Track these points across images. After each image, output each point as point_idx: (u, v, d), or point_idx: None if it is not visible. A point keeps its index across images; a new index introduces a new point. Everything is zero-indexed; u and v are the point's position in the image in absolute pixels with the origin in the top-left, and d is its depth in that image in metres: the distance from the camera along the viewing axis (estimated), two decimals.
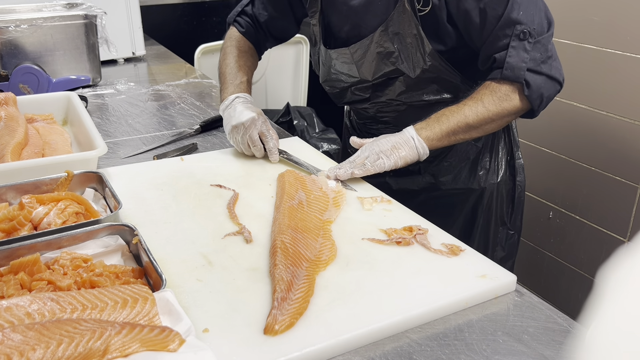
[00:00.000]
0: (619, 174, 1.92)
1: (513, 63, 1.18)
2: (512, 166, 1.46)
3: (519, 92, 1.20)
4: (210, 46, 2.74)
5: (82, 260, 0.86)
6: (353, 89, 1.43)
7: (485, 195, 1.44)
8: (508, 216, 1.48)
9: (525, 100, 1.21)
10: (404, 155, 1.19)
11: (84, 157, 1.19)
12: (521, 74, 1.19)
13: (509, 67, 1.19)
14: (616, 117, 1.89)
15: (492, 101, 1.20)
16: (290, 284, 0.84)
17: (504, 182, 1.46)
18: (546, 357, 0.76)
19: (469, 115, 1.20)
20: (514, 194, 1.48)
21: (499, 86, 1.21)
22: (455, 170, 1.44)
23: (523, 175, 1.49)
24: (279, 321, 0.77)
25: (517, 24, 1.17)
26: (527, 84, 1.19)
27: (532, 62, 1.19)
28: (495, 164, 1.44)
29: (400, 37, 1.27)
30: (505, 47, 1.19)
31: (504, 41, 1.19)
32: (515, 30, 1.18)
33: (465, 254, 0.96)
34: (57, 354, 0.64)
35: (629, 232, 1.93)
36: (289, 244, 0.93)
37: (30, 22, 1.86)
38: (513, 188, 1.47)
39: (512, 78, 1.19)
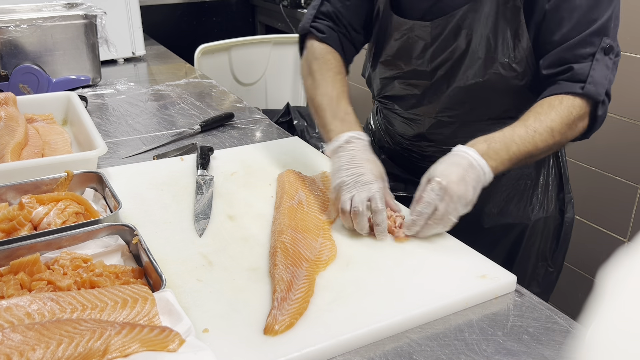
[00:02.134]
0: (619, 174, 1.92)
1: (597, 79, 1.04)
2: (561, 200, 1.34)
3: (588, 114, 1.07)
4: (210, 46, 2.74)
5: (82, 260, 0.85)
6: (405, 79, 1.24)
7: (529, 230, 1.31)
8: (550, 252, 1.36)
9: (589, 121, 1.09)
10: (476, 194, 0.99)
11: (83, 157, 1.19)
12: (602, 93, 1.05)
13: (593, 82, 1.04)
14: (616, 117, 1.89)
15: (561, 130, 1.05)
16: (290, 284, 0.84)
17: (553, 218, 1.33)
18: (546, 357, 0.76)
19: (539, 147, 1.04)
20: (560, 231, 1.35)
21: (571, 111, 1.05)
22: (502, 204, 1.29)
23: (572, 212, 1.36)
24: (279, 321, 0.77)
25: (606, 37, 1.06)
26: (603, 104, 1.06)
27: (610, 84, 1.06)
28: (545, 199, 1.31)
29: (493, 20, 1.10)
30: (587, 57, 1.05)
31: (589, 50, 1.05)
32: (603, 43, 1.05)
33: (465, 254, 0.96)
34: (57, 354, 0.64)
35: (629, 232, 1.93)
36: (289, 244, 0.93)
37: (30, 22, 1.86)
38: (561, 224, 1.35)
39: (594, 96, 1.05)
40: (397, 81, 1.28)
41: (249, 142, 1.50)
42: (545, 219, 1.31)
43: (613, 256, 0.41)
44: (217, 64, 2.81)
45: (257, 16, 3.88)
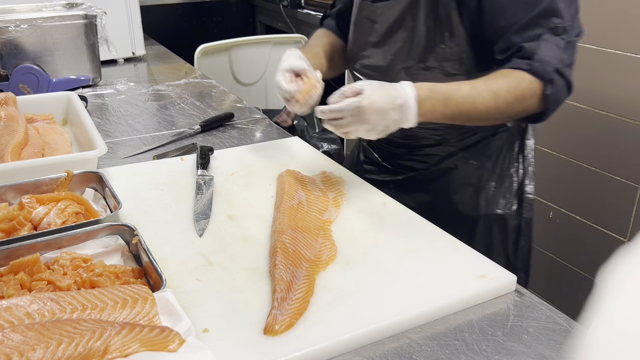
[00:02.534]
0: (619, 174, 1.92)
1: (544, 57, 1.05)
2: (520, 199, 1.32)
3: (540, 93, 1.07)
4: (210, 46, 2.74)
5: (82, 260, 0.86)
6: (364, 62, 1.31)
7: (480, 226, 1.30)
8: (512, 255, 1.34)
9: (541, 101, 1.08)
10: (393, 121, 1.04)
11: (83, 157, 1.19)
12: (550, 71, 1.05)
13: (539, 60, 1.05)
14: (616, 117, 1.89)
15: (507, 100, 1.06)
16: (290, 284, 0.84)
17: (510, 217, 1.31)
18: (546, 357, 0.76)
19: (479, 110, 1.07)
20: (518, 233, 1.33)
21: (519, 83, 1.06)
22: (454, 194, 1.31)
23: (531, 213, 1.33)
24: (279, 321, 0.77)
25: (556, 17, 1.06)
26: (552, 82, 1.06)
27: (561, 63, 1.07)
28: (501, 195, 1.29)
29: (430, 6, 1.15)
30: (535, 38, 1.07)
31: (536, 31, 1.07)
32: (551, 23, 1.06)
33: (465, 254, 0.96)
34: (57, 354, 0.64)
35: (629, 232, 1.93)
36: (289, 244, 0.93)
37: (30, 22, 1.86)
38: (518, 224, 1.33)
39: (540, 73, 1.06)
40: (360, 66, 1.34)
41: (249, 142, 1.50)
42: (500, 216, 1.30)
43: (613, 256, 0.41)
44: (217, 64, 2.81)
45: (257, 16, 3.88)
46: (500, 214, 1.31)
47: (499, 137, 1.30)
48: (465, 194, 1.31)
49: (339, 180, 1.20)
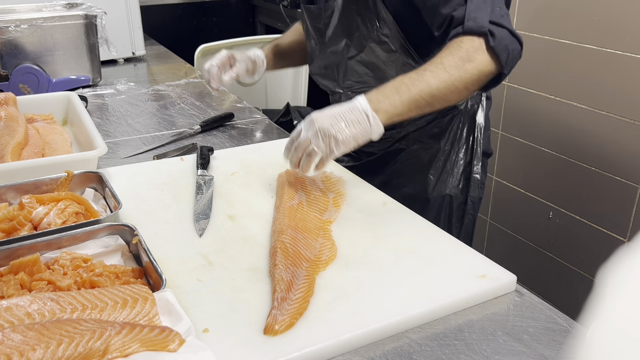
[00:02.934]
0: (619, 174, 1.92)
1: (474, 14, 1.08)
2: (467, 179, 1.34)
3: (484, 48, 1.07)
4: (210, 46, 2.74)
5: (82, 260, 0.85)
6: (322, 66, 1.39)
7: (429, 206, 1.33)
8: (456, 234, 1.35)
9: (491, 56, 1.07)
10: (355, 135, 1.02)
11: (84, 157, 1.19)
12: (485, 24, 1.06)
13: (470, 18, 1.07)
14: (616, 117, 1.89)
15: (454, 64, 1.05)
16: (290, 284, 0.84)
17: (456, 196, 1.34)
18: (546, 357, 0.76)
19: (432, 83, 1.04)
20: (464, 210, 1.35)
21: (460, 45, 1.07)
22: (406, 176, 1.34)
23: (477, 191, 1.35)
24: (279, 321, 0.77)
25: None
26: (492, 34, 1.06)
27: (493, 15, 1.08)
28: (451, 174, 1.32)
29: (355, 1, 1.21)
30: (462, 3, 1.10)
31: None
32: None
33: (465, 254, 0.96)
34: (57, 354, 0.64)
35: (629, 232, 1.93)
36: (289, 244, 0.93)
37: (30, 22, 1.86)
38: (464, 203, 1.35)
39: (476, 29, 1.07)
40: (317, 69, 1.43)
41: (249, 142, 1.50)
42: (447, 196, 1.33)
43: (613, 256, 0.41)
44: None
45: (257, 16, 3.87)
46: (448, 193, 1.35)
47: (449, 118, 1.34)
48: (416, 174, 1.35)
49: (339, 180, 1.20)
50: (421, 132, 1.35)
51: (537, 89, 2.14)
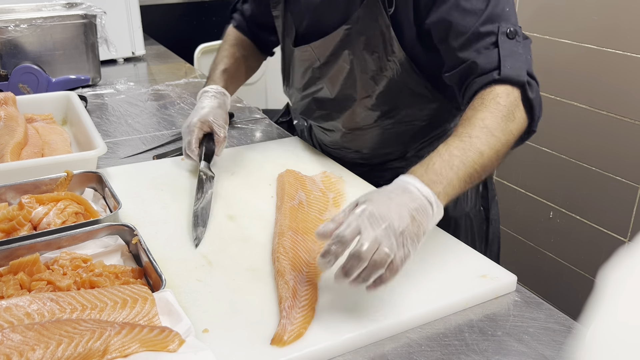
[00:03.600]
0: (619, 174, 1.92)
1: (511, 61, 0.96)
2: (484, 197, 1.28)
3: (521, 101, 0.96)
4: (210, 46, 2.74)
5: (82, 261, 0.85)
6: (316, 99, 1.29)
7: (456, 226, 1.26)
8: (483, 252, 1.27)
9: (527, 111, 0.97)
10: (423, 230, 0.79)
11: (83, 157, 1.19)
12: (522, 74, 0.95)
13: (508, 64, 0.95)
14: (616, 117, 1.89)
15: (499, 126, 0.91)
16: (294, 290, 0.83)
17: (476, 216, 1.28)
18: (546, 357, 0.76)
19: (484, 152, 0.89)
20: (487, 230, 1.29)
21: (497, 101, 0.94)
22: None
23: (497, 209, 1.30)
24: (288, 331, 0.76)
25: (503, 22, 0.98)
26: (530, 85, 0.96)
27: (527, 64, 0.98)
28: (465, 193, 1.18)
29: (365, 39, 1.11)
30: (488, 47, 0.98)
31: (488, 40, 0.98)
32: (502, 28, 0.98)
33: (465, 254, 0.96)
34: (57, 354, 0.64)
35: (629, 232, 1.93)
36: (289, 248, 0.93)
37: (30, 22, 1.86)
38: (486, 222, 1.28)
39: (514, 77, 0.95)
40: (306, 100, 1.33)
41: (249, 142, 1.50)
42: (466, 215, 1.27)
43: (613, 256, 0.41)
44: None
45: None
46: (468, 212, 1.30)
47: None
48: None
49: (339, 180, 1.20)
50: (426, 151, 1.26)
51: None
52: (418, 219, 0.78)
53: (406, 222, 0.76)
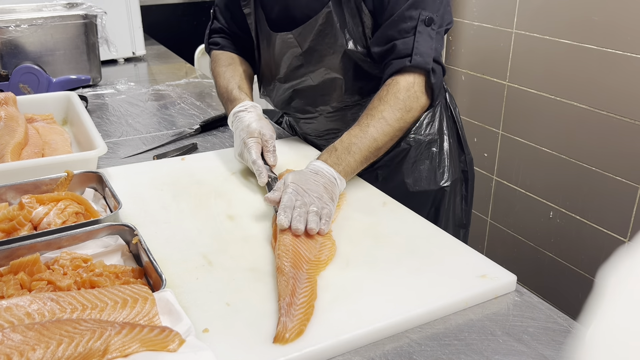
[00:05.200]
0: (619, 174, 1.92)
1: (422, 49, 1.15)
2: (463, 162, 1.43)
3: (424, 85, 1.17)
4: None
5: (82, 260, 0.86)
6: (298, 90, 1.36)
7: (445, 195, 1.38)
8: (464, 214, 1.44)
9: (427, 94, 1.18)
10: (334, 194, 1.07)
11: (83, 157, 1.19)
12: (429, 61, 1.15)
13: (418, 53, 1.15)
14: (616, 117, 1.89)
15: (395, 117, 1.15)
16: (293, 287, 0.84)
17: (459, 180, 1.42)
18: (546, 357, 0.76)
19: (377, 138, 1.14)
20: (466, 192, 1.44)
21: (397, 95, 1.15)
22: (415, 172, 1.37)
23: (473, 170, 1.46)
24: (289, 329, 0.76)
25: (423, 9, 1.15)
26: (434, 72, 1.16)
27: (436, 52, 1.17)
28: (452, 163, 1.38)
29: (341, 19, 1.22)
30: (409, 31, 1.16)
31: (409, 24, 1.16)
32: (422, 15, 1.15)
33: (465, 254, 0.96)
34: (57, 354, 0.64)
35: (629, 232, 1.93)
36: (290, 245, 0.93)
37: (30, 22, 1.86)
38: (465, 185, 1.44)
39: (422, 64, 1.15)
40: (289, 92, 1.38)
41: None
42: (453, 182, 1.39)
43: (613, 256, 0.41)
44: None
45: None
46: (454, 180, 1.39)
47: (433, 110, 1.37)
48: (424, 169, 1.37)
49: None
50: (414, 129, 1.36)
51: (537, 89, 2.14)
52: (329, 188, 1.06)
53: (322, 191, 1.04)
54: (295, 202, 0.99)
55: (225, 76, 1.40)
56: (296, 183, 1.03)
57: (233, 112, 1.30)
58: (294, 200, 1.00)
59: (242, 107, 1.30)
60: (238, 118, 1.28)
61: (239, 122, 1.27)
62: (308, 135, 1.49)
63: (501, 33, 2.22)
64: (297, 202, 0.99)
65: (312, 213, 0.99)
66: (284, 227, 0.96)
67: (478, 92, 2.42)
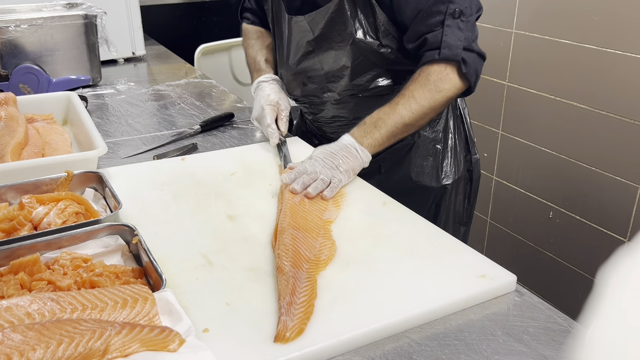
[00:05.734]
0: (619, 174, 1.92)
1: (450, 42, 1.19)
2: (468, 161, 1.47)
3: (456, 74, 1.21)
4: (210, 46, 2.74)
5: (82, 260, 0.86)
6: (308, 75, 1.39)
7: (447, 193, 1.42)
8: (464, 212, 1.48)
9: (462, 80, 1.21)
10: (352, 167, 1.17)
11: (84, 157, 1.19)
12: (459, 52, 1.19)
13: (446, 46, 1.19)
14: (616, 117, 1.89)
15: (424, 96, 1.19)
16: (293, 287, 0.84)
17: (463, 179, 1.45)
18: (546, 357, 0.76)
19: (404, 115, 1.20)
20: (470, 190, 1.48)
21: (428, 78, 1.20)
22: (417, 168, 1.41)
23: (479, 170, 1.49)
24: (289, 328, 0.76)
25: (450, 3, 1.18)
26: (464, 61, 1.19)
27: (466, 41, 1.20)
28: (455, 162, 1.42)
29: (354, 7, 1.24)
30: (438, 25, 1.19)
31: (437, 18, 1.19)
32: (449, 9, 1.18)
33: (465, 254, 0.96)
34: (57, 354, 0.64)
35: (629, 232, 1.93)
36: (289, 245, 0.93)
37: (30, 22, 1.86)
38: (470, 183, 1.47)
39: (450, 57, 1.19)
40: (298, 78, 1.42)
41: (249, 142, 1.50)
42: (456, 181, 1.43)
43: (613, 256, 0.41)
44: (217, 64, 2.81)
45: None
46: (457, 178, 1.43)
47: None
48: (427, 165, 1.41)
49: None
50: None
51: (537, 89, 2.14)
52: (348, 160, 1.16)
53: (340, 162, 1.15)
54: (308, 168, 1.12)
55: (255, 48, 1.55)
56: (318, 155, 1.16)
57: (257, 81, 1.45)
58: (308, 168, 1.12)
59: (265, 78, 1.44)
60: (260, 87, 1.43)
61: (261, 91, 1.42)
62: (316, 122, 1.52)
63: (501, 33, 2.22)
64: (309, 168, 1.12)
65: (318, 180, 1.10)
66: (284, 182, 1.11)
67: (478, 92, 2.41)
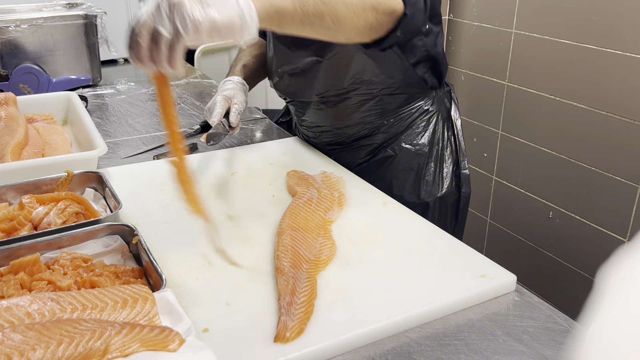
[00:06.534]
0: (619, 174, 1.92)
1: None
2: (457, 176, 1.37)
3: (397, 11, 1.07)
4: (210, 46, 2.73)
5: (82, 260, 0.86)
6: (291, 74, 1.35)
7: (430, 208, 1.34)
8: (451, 230, 1.36)
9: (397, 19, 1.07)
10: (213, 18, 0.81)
11: (84, 157, 1.19)
12: None
13: None
14: (616, 117, 1.89)
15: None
16: (293, 287, 0.84)
17: (450, 194, 1.36)
18: (546, 357, 0.76)
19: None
20: (458, 207, 1.38)
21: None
22: (401, 183, 1.34)
23: (469, 187, 1.38)
24: (289, 328, 0.76)
25: None
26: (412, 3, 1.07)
27: None
28: (440, 175, 1.34)
29: None
30: None
31: None
32: None
33: (465, 254, 0.96)
34: (57, 354, 0.64)
35: (629, 232, 1.93)
36: (289, 245, 0.93)
37: (30, 22, 1.86)
38: (458, 200, 1.37)
39: None
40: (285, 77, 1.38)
41: (249, 142, 1.50)
42: (441, 197, 1.34)
43: (613, 256, 0.41)
44: (217, 64, 2.80)
45: None
46: (442, 194, 1.35)
47: (428, 119, 1.35)
48: (408, 179, 1.35)
49: (339, 180, 1.20)
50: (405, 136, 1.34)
51: (537, 89, 2.14)
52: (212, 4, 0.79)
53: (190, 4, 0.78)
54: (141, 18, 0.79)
55: (241, 54, 1.55)
56: None
57: (223, 80, 1.44)
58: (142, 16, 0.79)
59: (232, 78, 1.43)
60: (224, 83, 1.42)
61: (222, 86, 1.41)
62: (301, 126, 1.49)
63: (501, 33, 2.22)
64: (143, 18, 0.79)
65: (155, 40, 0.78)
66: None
67: (478, 92, 2.42)
